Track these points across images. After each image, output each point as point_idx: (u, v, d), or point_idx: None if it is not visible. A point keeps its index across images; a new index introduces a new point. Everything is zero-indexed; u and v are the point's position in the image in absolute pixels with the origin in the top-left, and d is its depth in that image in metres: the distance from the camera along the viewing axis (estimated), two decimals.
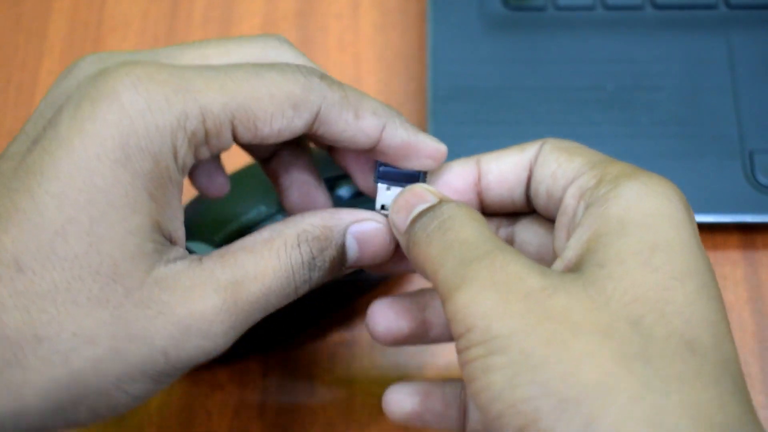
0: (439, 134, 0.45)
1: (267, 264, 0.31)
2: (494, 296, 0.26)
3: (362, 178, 0.35)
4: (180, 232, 0.30)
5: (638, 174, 0.30)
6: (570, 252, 0.28)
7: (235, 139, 0.30)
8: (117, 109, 0.28)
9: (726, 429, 0.24)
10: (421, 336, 0.34)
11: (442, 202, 0.31)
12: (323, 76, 0.31)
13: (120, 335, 0.28)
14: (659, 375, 0.25)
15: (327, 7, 0.52)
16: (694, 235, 0.28)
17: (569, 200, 0.30)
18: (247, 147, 0.36)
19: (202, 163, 0.35)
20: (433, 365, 0.43)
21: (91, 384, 0.28)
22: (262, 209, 0.41)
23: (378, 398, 0.42)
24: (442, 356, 0.43)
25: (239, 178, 0.43)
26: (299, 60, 0.33)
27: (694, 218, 0.29)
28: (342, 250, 0.33)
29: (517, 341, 0.25)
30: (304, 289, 0.32)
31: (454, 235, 0.29)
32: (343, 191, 0.42)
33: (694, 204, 0.43)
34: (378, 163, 0.34)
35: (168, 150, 0.29)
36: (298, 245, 0.31)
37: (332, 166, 0.42)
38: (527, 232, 0.34)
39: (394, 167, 0.34)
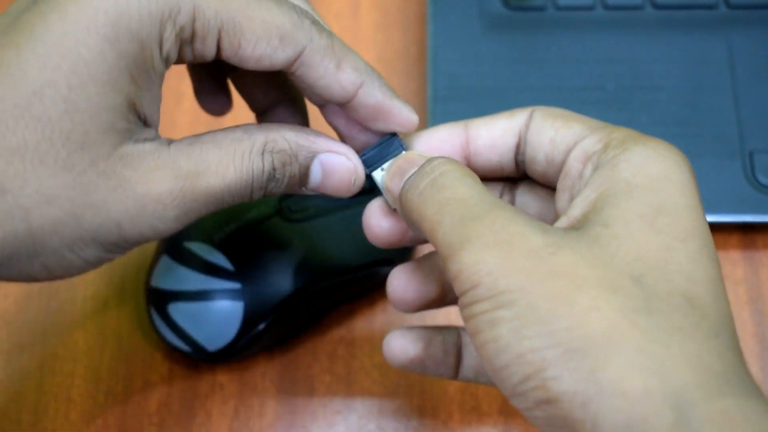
0: None
1: (229, 163, 0.31)
2: (499, 254, 0.27)
3: (349, 137, 0.35)
4: (156, 117, 0.31)
5: (645, 139, 0.30)
6: (575, 210, 0.29)
7: (218, 53, 0.31)
8: None
9: (724, 377, 0.25)
10: (440, 300, 0.35)
11: (432, 158, 0.31)
12: (315, 21, 0.32)
13: (79, 201, 0.29)
14: (661, 327, 0.26)
15: (327, 7, 0.52)
16: (697, 199, 0.29)
17: (573, 163, 0.31)
18: (241, 87, 0.37)
19: (200, 79, 0.38)
20: None
21: (46, 243, 0.29)
22: (263, 209, 0.41)
23: (378, 398, 0.42)
24: None
25: None
26: (300, 2, 0.34)
27: (696, 183, 0.30)
28: (305, 172, 0.33)
29: (523, 296, 0.26)
30: (258, 195, 0.33)
31: (450, 194, 0.29)
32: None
33: None
34: (361, 155, 0.34)
35: (155, 38, 0.30)
36: (262, 153, 0.32)
37: None
38: (526, 197, 0.35)
39: (372, 147, 0.34)
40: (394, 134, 0.34)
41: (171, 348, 0.42)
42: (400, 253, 0.42)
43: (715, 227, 0.45)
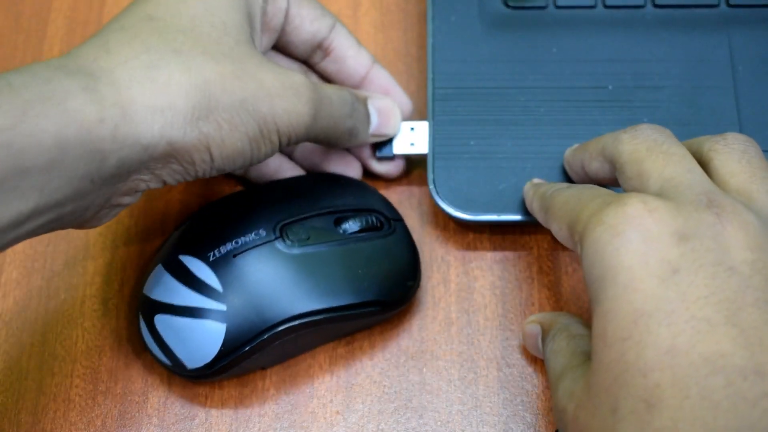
0: (439, 134, 0.45)
1: (333, 88, 0.41)
2: None
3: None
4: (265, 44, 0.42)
5: (591, 228, 0.33)
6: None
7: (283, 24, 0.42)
8: None
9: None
10: None
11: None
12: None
13: (235, 68, 0.36)
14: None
15: (327, 6, 0.52)
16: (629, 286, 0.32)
17: None
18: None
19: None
20: (433, 361, 0.43)
21: (219, 99, 0.35)
22: (262, 233, 0.41)
23: (378, 398, 0.42)
24: (442, 354, 0.43)
25: (244, 197, 0.43)
26: None
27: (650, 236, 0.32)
28: (366, 112, 0.43)
29: None
30: (342, 127, 0.41)
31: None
32: (349, 225, 0.42)
33: None
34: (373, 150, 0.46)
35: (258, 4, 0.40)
36: (348, 92, 0.42)
37: (340, 198, 0.43)
38: None
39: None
40: None
41: (152, 359, 0.42)
42: (393, 298, 0.42)
43: None
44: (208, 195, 0.47)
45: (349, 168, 0.46)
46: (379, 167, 0.46)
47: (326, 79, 0.46)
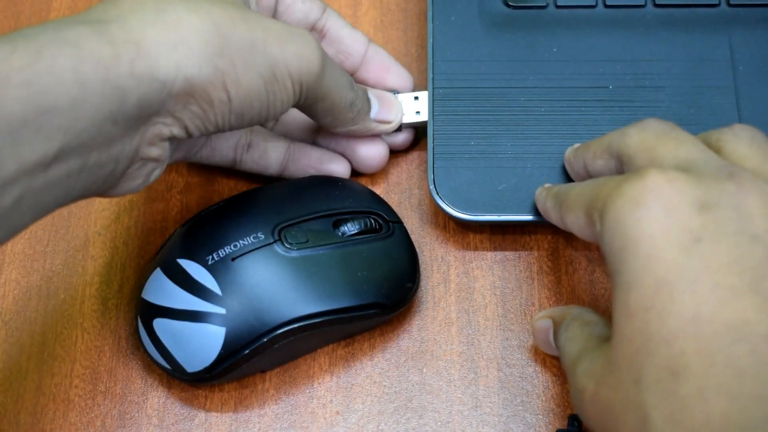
0: (439, 134, 0.45)
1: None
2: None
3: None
4: None
5: (609, 204, 0.33)
6: None
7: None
8: None
9: None
10: None
11: None
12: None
13: (243, 14, 0.36)
14: None
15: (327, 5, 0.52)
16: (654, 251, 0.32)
17: None
18: None
19: None
20: (433, 362, 0.43)
21: (230, 38, 0.35)
22: (260, 236, 0.41)
23: (378, 398, 0.42)
24: (442, 355, 0.43)
25: (242, 200, 0.43)
26: None
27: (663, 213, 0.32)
28: (367, 99, 0.44)
29: None
30: (351, 95, 0.42)
31: None
32: (348, 227, 0.42)
33: None
34: None
35: None
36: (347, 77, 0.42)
37: (339, 200, 0.42)
38: None
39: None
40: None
41: (152, 363, 0.42)
42: (392, 300, 0.42)
43: None
44: (208, 195, 0.47)
45: (339, 165, 0.46)
46: (390, 139, 0.46)
47: None
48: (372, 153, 0.45)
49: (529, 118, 0.45)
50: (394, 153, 0.47)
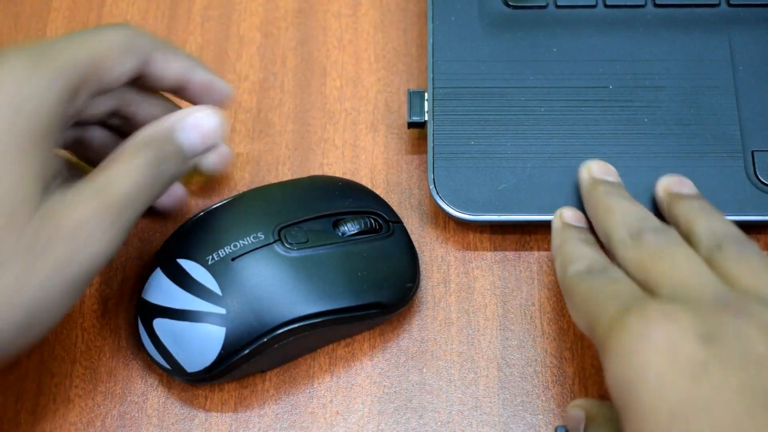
0: (439, 134, 0.45)
1: (127, 167, 0.37)
2: None
3: None
4: (59, 165, 0.37)
5: (618, 331, 0.34)
6: None
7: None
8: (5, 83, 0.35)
9: None
10: None
11: None
12: (147, 33, 0.41)
13: (27, 258, 0.34)
14: None
15: (327, 6, 0.52)
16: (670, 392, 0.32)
17: None
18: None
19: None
20: (433, 361, 0.43)
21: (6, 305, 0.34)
22: (260, 237, 0.41)
23: (378, 398, 0.42)
24: (442, 355, 0.43)
25: (242, 200, 0.43)
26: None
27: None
28: (178, 144, 0.40)
29: None
30: (160, 188, 0.39)
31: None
32: (348, 227, 0.42)
33: None
34: None
35: (51, 99, 0.35)
36: (145, 145, 0.38)
37: (339, 200, 0.42)
38: None
39: None
40: None
41: (152, 363, 0.42)
42: (392, 300, 0.42)
43: None
44: (208, 195, 0.47)
45: (169, 197, 0.45)
46: (206, 164, 0.42)
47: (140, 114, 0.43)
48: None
49: (529, 118, 0.45)
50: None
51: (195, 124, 0.40)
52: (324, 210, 0.42)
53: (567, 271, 0.39)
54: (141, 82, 0.41)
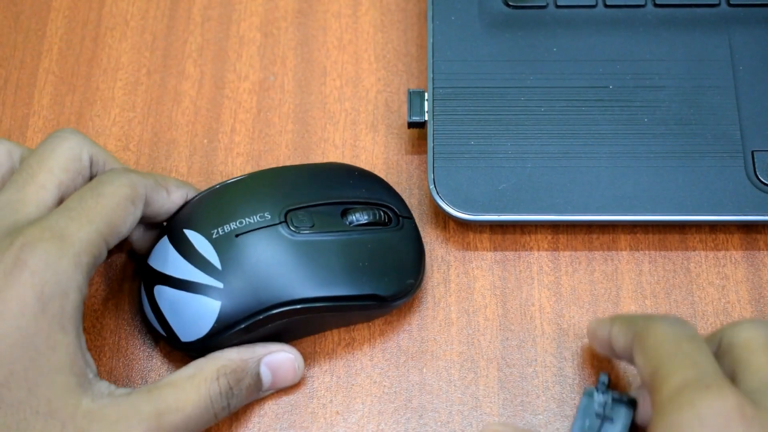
0: (439, 134, 0.45)
1: (188, 397, 0.37)
2: None
3: None
4: (87, 355, 0.37)
5: (690, 401, 0.33)
6: None
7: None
8: (27, 274, 0.35)
9: None
10: None
11: None
12: (133, 170, 0.40)
13: None
14: None
15: (327, 6, 0.52)
16: None
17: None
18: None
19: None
20: (433, 361, 0.43)
21: None
22: (267, 216, 0.41)
23: (378, 398, 0.42)
24: (442, 355, 0.43)
25: (257, 179, 0.43)
26: (94, 149, 0.40)
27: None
28: (257, 378, 0.40)
29: None
30: (223, 415, 0.38)
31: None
32: (356, 217, 0.42)
33: (696, 204, 0.44)
34: None
35: (72, 286, 0.35)
36: (217, 378, 0.38)
37: (352, 189, 0.43)
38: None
39: None
40: None
41: (150, 329, 0.42)
42: (391, 293, 0.42)
43: (716, 226, 0.45)
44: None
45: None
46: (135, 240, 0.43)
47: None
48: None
49: (529, 118, 0.45)
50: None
51: (282, 362, 0.41)
52: (335, 197, 0.42)
53: (640, 318, 0.38)
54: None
